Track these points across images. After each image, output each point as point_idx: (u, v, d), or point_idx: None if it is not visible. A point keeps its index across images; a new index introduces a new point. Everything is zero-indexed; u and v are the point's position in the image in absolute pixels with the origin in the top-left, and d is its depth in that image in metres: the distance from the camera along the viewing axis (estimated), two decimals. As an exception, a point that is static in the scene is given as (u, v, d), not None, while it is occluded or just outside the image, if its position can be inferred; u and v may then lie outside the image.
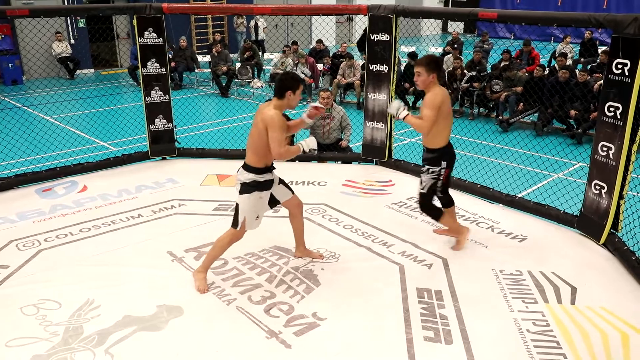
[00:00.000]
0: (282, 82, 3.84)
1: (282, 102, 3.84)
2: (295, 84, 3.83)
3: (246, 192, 3.90)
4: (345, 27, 21.60)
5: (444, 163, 4.31)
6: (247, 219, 3.95)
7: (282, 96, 3.82)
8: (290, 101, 3.84)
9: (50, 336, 3.48)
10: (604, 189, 4.66)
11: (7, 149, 7.27)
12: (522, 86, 9.84)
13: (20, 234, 4.88)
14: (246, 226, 3.98)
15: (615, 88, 4.44)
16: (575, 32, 16.09)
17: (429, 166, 4.34)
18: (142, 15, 6.33)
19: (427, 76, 4.10)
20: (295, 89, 3.82)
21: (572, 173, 7.30)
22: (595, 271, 4.40)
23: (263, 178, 3.92)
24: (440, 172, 4.33)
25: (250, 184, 3.89)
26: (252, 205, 3.93)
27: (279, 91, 3.83)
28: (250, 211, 3.94)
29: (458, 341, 3.50)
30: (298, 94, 3.86)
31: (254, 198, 3.91)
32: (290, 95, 3.81)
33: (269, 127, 3.75)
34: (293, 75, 3.99)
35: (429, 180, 4.36)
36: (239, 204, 3.94)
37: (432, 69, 4.10)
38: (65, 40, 14.51)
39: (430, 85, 4.14)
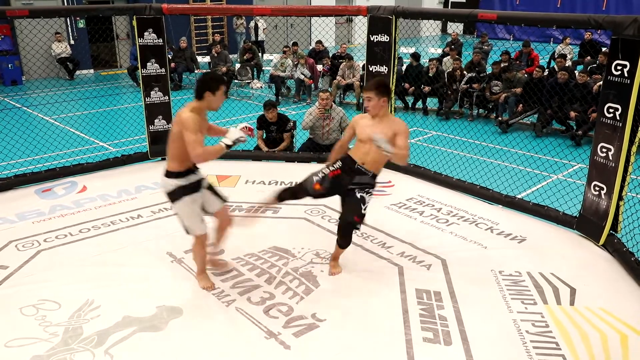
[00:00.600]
0: (201, 83, 3.66)
1: (201, 103, 3.66)
2: (215, 84, 3.63)
3: (176, 199, 3.74)
4: (345, 28, 21.61)
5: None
6: (192, 225, 3.82)
7: (201, 97, 3.65)
8: (211, 102, 3.66)
9: (49, 337, 3.48)
10: (604, 190, 4.67)
11: (6, 149, 7.27)
12: (522, 87, 9.84)
13: (20, 235, 4.88)
14: (195, 232, 3.84)
15: (614, 89, 4.44)
16: (574, 33, 16.10)
17: (370, 189, 4.08)
18: (142, 16, 6.34)
19: (377, 100, 3.92)
20: (215, 90, 3.62)
21: (572, 174, 7.30)
22: (594, 272, 4.41)
23: (187, 181, 3.74)
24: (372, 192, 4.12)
25: (176, 192, 3.71)
26: (187, 211, 3.78)
27: (197, 92, 3.65)
28: (190, 218, 3.80)
29: (457, 342, 3.50)
30: (219, 95, 3.66)
31: (185, 203, 3.74)
32: (209, 96, 3.63)
33: (183, 129, 3.54)
34: (213, 75, 3.78)
35: (369, 199, 4.07)
36: (177, 214, 3.83)
37: (381, 92, 3.92)
38: (64, 40, 14.51)
39: (382, 109, 3.96)
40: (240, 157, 6.97)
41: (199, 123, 3.59)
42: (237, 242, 4.73)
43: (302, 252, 4.62)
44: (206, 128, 3.87)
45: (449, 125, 9.94)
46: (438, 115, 10.90)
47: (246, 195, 5.79)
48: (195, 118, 3.57)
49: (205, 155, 3.60)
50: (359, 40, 20.75)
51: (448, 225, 5.18)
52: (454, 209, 5.55)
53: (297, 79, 12.00)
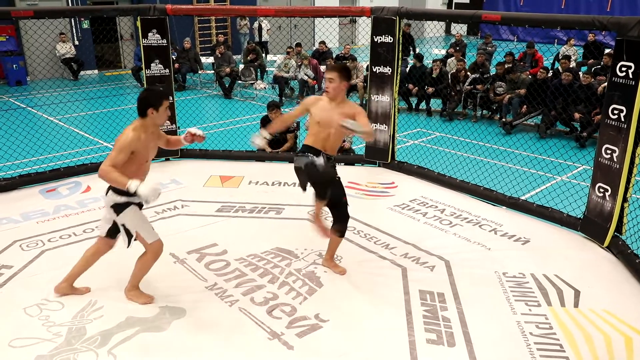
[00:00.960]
0: (142, 100, 3.52)
1: (145, 121, 3.54)
2: (157, 101, 3.51)
3: (123, 208, 3.61)
4: (349, 29, 21.60)
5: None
6: (145, 234, 3.68)
7: (144, 115, 3.53)
8: (155, 119, 3.55)
9: (53, 337, 3.49)
10: (608, 192, 4.65)
11: (11, 149, 7.29)
12: (526, 88, 9.82)
13: (24, 234, 4.90)
14: (149, 239, 3.69)
15: (619, 90, 4.43)
16: (579, 34, 16.08)
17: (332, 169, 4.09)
18: (146, 17, 6.35)
19: (339, 83, 3.95)
20: (158, 106, 3.51)
21: (576, 176, 7.28)
22: (598, 274, 4.40)
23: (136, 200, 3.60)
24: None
25: (123, 203, 3.61)
26: (137, 218, 3.67)
27: (140, 110, 3.53)
28: (141, 224, 3.70)
29: (461, 343, 3.49)
30: (162, 110, 3.54)
31: (133, 211, 3.65)
32: (152, 113, 3.51)
33: (116, 143, 3.47)
34: (155, 91, 3.68)
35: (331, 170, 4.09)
36: (126, 224, 3.65)
37: (344, 76, 3.97)
38: (69, 41, 14.55)
39: (342, 93, 4.01)
40: (244, 158, 6.97)
41: (132, 144, 3.46)
42: (240, 242, 4.74)
43: (305, 253, 4.62)
44: (163, 141, 3.83)
45: (453, 126, 9.92)
46: (442, 116, 10.89)
47: (249, 196, 5.80)
48: (131, 138, 3.46)
49: (107, 175, 3.41)
50: (363, 41, 20.74)
51: (452, 227, 5.17)
52: (457, 210, 5.54)
53: (300, 79, 12.01)
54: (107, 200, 3.66)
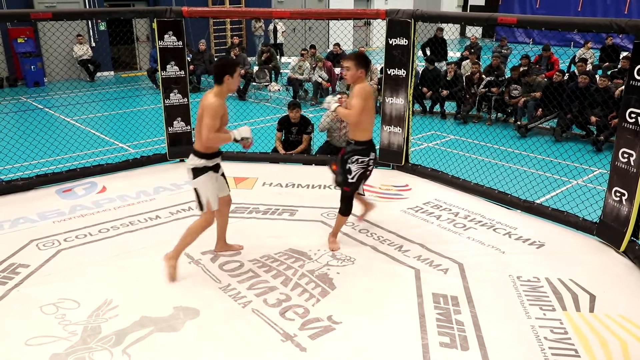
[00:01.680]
0: (219, 68, 3.98)
1: (222, 87, 3.97)
2: (231, 68, 3.96)
3: (200, 173, 4.04)
4: (363, 31, 21.60)
5: (373, 155, 4.52)
6: (210, 199, 4.09)
7: (220, 82, 3.95)
8: (230, 85, 3.96)
9: (68, 335, 3.52)
10: (625, 196, 4.61)
11: (28, 149, 7.38)
12: (541, 91, 9.76)
13: (41, 234, 4.95)
14: (212, 206, 4.10)
15: (636, 94, 4.39)
16: (595, 37, 15.95)
17: (358, 156, 4.45)
18: (163, 19, 6.40)
19: (355, 71, 4.31)
20: (232, 72, 3.95)
21: (592, 179, 7.22)
22: (614, 279, 4.35)
23: (212, 162, 4.08)
24: (369, 163, 4.52)
25: (201, 169, 4.03)
26: (209, 185, 4.07)
27: (217, 77, 3.96)
28: (212, 190, 4.08)
29: (474, 347, 3.48)
30: (236, 77, 3.98)
31: (208, 177, 4.05)
32: (228, 79, 3.94)
33: (204, 112, 3.89)
34: (228, 59, 4.18)
35: (359, 169, 4.47)
36: (198, 188, 4.07)
37: (360, 64, 4.32)
38: (86, 43, 14.70)
39: (358, 79, 4.35)
40: (257, 160, 6.99)
41: (220, 108, 3.92)
42: (254, 243, 4.76)
43: (319, 254, 4.63)
44: (227, 114, 4.13)
45: (467, 129, 9.88)
46: (456, 119, 10.85)
47: (263, 198, 5.82)
48: (217, 103, 3.90)
49: (215, 139, 3.96)
50: (377, 44, 20.73)
51: (465, 230, 5.15)
52: (471, 214, 5.51)
53: (314, 81, 12.02)
54: (188, 164, 4.08)
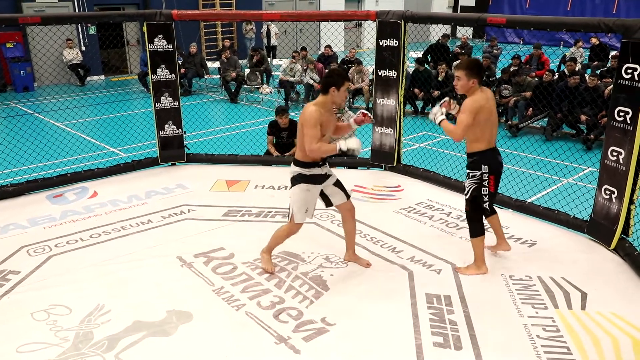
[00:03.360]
0: (327, 79, 3.90)
1: (326, 98, 3.90)
2: (340, 80, 3.84)
3: (294, 183, 4.03)
4: (354, 33, 21.63)
5: (485, 167, 4.12)
6: (295, 210, 4.05)
7: (326, 92, 3.89)
8: (335, 97, 3.87)
9: (60, 341, 3.50)
10: (614, 194, 4.64)
11: (18, 155, 7.34)
12: (532, 91, 9.81)
13: (31, 240, 4.92)
14: (295, 218, 4.07)
15: (625, 93, 4.42)
16: (585, 36, 16.06)
17: (469, 170, 4.20)
18: (152, 22, 6.38)
19: (467, 81, 4.00)
20: (340, 85, 3.83)
21: (582, 178, 7.26)
22: (605, 276, 4.37)
23: (310, 172, 4.01)
24: (483, 177, 4.13)
25: (297, 177, 4.02)
26: (299, 197, 4.02)
27: (324, 87, 3.90)
28: (298, 203, 4.03)
29: (467, 347, 3.49)
30: (343, 90, 3.87)
31: (300, 190, 4.01)
32: (334, 92, 3.85)
33: (304, 123, 3.83)
34: (339, 71, 4.02)
35: (471, 184, 4.18)
36: (290, 197, 4.09)
37: (473, 73, 3.99)
38: (76, 47, 14.64)
39: (470, 90, 4.03)
40: (250, 162, 6.99)
41: (319, 118, 3.84)
42: (247, 246, 4.75)
43: (312, 257, 4.63)
44: (333, 123, 4.09)
45: (459, 129, 9.89)
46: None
47: (256, 200, 5.81)
48: (316, 112, 3.83)
49: (319, 151, 3.88)
50: (368, 45, 20.76)
51: (458, 230, 5.16)
52: (463, 213, 5.50)
53: (306, 83, 12.03)
54: (291, 170, 4.08)
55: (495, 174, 4.17)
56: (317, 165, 4.04)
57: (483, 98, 4.03)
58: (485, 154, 4.15)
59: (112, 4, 15.66)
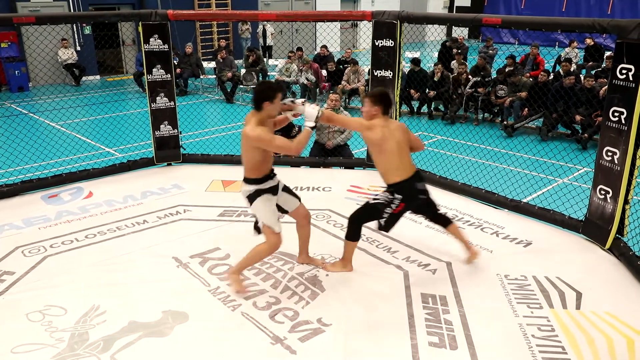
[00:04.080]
0: (258, 94, 3.77)
1: (261, 114, 3.78)
2: (271, 93, 3.75)
3: (253, 199, 3.92)
4: (350, 33, 21.63)
5: (399, 197, 4.09)
6: (270, 223, 3.96)
7: (259, 108, 3.77)
8: (270, 111, 3.78)
9: (55, 342, 3.49)
10: (609, 194, 4.65)
11: (13, 155, 7.31)
12: (527, 91, 9.83)
13: (26, 240, 4.91)
14: (274, 229, 3.97)
15: (619, 93, 4.43)
16: (580, 37, 16.12)
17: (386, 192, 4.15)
18: (148, 22, 6.37)
19: (370, 107, 4.08)
20: (272, 98, 3.74)
21: (577, 178, 7.28)
22: (600, 276, 4.39)
23: (266, 186, 3.94)
24: (394, 201, 4.09)
25: (254, 194, 3.92)
26: (266, 207, 3.94)
27: (256, 103, 3.77)
28: (269, 214, 3.96)
29: (463, 346, 3.49)
30: (277, 102, 3.78)
31: (263, 200, 3.92)
32: (268, 106, 3.74)
33: (262, 145, 3.73)
34: (269, 84, 3.93)
35: (382, 199, 4.14)
36: (256, 214, 3.99)
37: (377, 102, 4.06)
38: (71, 47, 14.60)
39: (373, 117, 4.08)
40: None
41: (267, 130, 3.76)
42: (243, 246, 4.74)
43: (308, 257, 4.62)
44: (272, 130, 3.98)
45: (454, 129, 9.94)
46: (443, 119, 10.90)
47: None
48: (262, 131, 3.71)
49: (300, 145, 3.80)
50: (364, 45, 20.76)
51: (453, 230, 5.17)
52: (459, 213, 5.54)
53: (302, 84, 12.03)
54: (242, 193, 3.99)
55: (407, 203, 4.14)
56: (270, 178, 3.97)
57: (379, 131, 3.98)
58: (401, 185, 4.10)
59: (108, 3, 15.62)
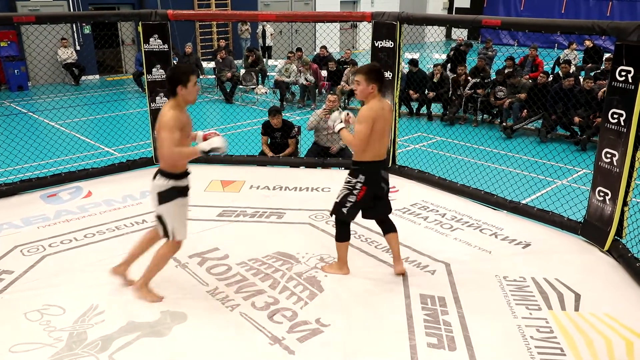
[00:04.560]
0: (170, 79, 3.59)
1: (177, 99, 3.59)
2: (183, 77, 3.54)
3: (167, 200, 3.67)
4: (350, 34, 21.65)
5: (362, 177, 4.00)
6: (177, 228, 3.75)
7: (174, 94, 3.58)
8: (185, 95, 3.58)
9: (54, 342, 3.49)
10: (608, 196, 4.66)
11: (12, 154, 7.31)
12: (526, 93, 9.84)
13: (25, 240, 4.90)
14: (178, 236, 3.76)
15: (618, 95, 4.44)
16: (579, 38, 16.15)
17: (348, 176, 4.08)
18: (148, 22, 6.37)
19: (366, 86, 3.86)
20: (186, 82, 3.54)
21: (576, 180, 7.29)
22: (599, 278, 4.39)
23: (183, 183, 3.74)
24: (356, 186, 4.02)
25: (170, 191, 3.67)
26: (178, 213, 3.73)
27: (170, 89, 3.60)
28: (179, 219, 3.74)
29: (462, 347, 3.49)
30: (191, 86, 3.58)
31: (176, 205, 3.70)
32: (182, 90, 3.55)
33: (161, 128, 3.53)
34: (181, 68, 3.71)
35: (343, 190, 4.08)
36: (163, 215, 3.71)
37: (372, 78, 3.85)
38: (70, 46, 14.59)
39: (369, 96, 3.90)
40: (245, 163, 6.98)
41: (177, 120, 3.54)
42: (241, 247, 4.75)
43: (307, 257, 4.63)
44: (190, 126, 3.78)
45: (454, 130, 9.94)
46: (442, 120, 10.90)
47: (251, 201, 5.80)
48: (173, 116, 3.53)
49: (180, 155, 3.60)
50: (364, 46, 20.77)
51: (452, 231, 5.18)
52: (458, 215, 5.54)
53: (301, 84, 12.03)
54: (153, 186, 3.69)
55: (369, 187, 4.03)
56: (186, 175, 3.76)
57: (379, 107, 3.89)
58: (369, 165, 4.00)
59: (107, 3, 15.62)
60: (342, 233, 4.24)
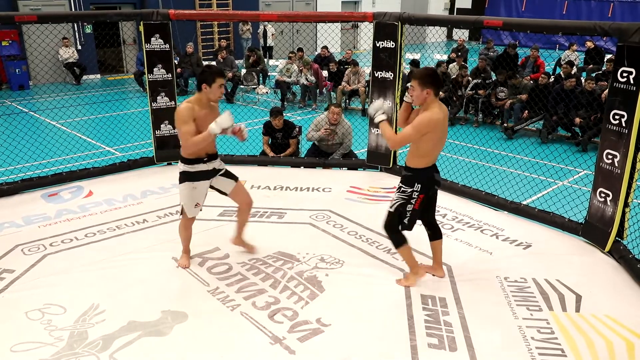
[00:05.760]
0: (200, 75, 3.96)
1: (200, 95, 3.96)
2: (211, 77, 3.89)
3: (181, 182, 4.13)
4: (351, 34, 21.65)
5: (418, 186, 3.91)
6: (186, 206, 4.20)
7: (199, 89, 3.95)
8: (208, 94, 3.94)
9: (55, 341, 3.49)
10: (609, 197, 4.65)
11: (13, 153, 7.31)
12: (527, 94, 9.84)
13: (26, 239, 4.90)
14: (188, 213, 4.22)
15: (620, 96, 4.43)
16: (580, 39, 16.14)
17: (401, 185, 3.97)
18: (149, 22, 6.37)
19: (420, 91, 3.73)
20: (211, 82, 3.89)
21: (577, 181, 7.28)
22: (600, 279, 4.39)
23: (194, 169, 4.08)
24: (412, 195, 3.93)
25: (182, 174, 4.10)
26: (186, 194, 4.15)
27: (197, 85, 3.99)
28: (186, 199, 4.17)
29: (462, 348, 3.49)
30: (216, 87, 3.91)
31: (186, 188, 4.12)
32: (206, 88, 3.91)
33: (176, 120, 3.93)
34: (212, 68, 4.02)
35: (399, 199, 3.97)
36: (179, 193, 4.21)
37: (426, 83, 3.70)
38: (72, 45, 14.60)
39: (426, 101, 3.76)
40: (246, 163, 6.98)
41: (191, 113, 3.89)
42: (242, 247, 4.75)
43: (307, 257, 4.63)
44: (212, 119, 3.95)
45: (455, 131, 9.94)
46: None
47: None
48: (186, 108, 3.89)
49: (194, 144, 3.93)
50: (365, 47, 20.78)
51: (453, 232, 5.17)
52: (459, 215, 5.54)
53: (302, 84, 12.03)
54: (178, 166, 4.14)
55: (426, 193, 3.98)
56: (201, 162, 4.08)
57: (441, 116, 3.78)
58: (425, 172, 3.95)
59: (109, 3, 15.63)
60: (397, 239, 4.10)
